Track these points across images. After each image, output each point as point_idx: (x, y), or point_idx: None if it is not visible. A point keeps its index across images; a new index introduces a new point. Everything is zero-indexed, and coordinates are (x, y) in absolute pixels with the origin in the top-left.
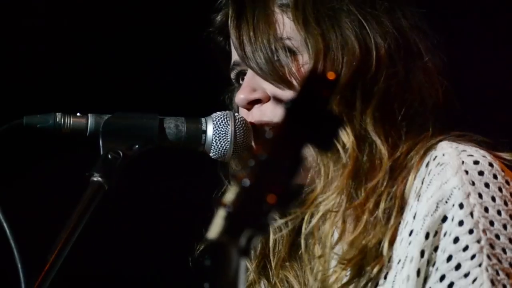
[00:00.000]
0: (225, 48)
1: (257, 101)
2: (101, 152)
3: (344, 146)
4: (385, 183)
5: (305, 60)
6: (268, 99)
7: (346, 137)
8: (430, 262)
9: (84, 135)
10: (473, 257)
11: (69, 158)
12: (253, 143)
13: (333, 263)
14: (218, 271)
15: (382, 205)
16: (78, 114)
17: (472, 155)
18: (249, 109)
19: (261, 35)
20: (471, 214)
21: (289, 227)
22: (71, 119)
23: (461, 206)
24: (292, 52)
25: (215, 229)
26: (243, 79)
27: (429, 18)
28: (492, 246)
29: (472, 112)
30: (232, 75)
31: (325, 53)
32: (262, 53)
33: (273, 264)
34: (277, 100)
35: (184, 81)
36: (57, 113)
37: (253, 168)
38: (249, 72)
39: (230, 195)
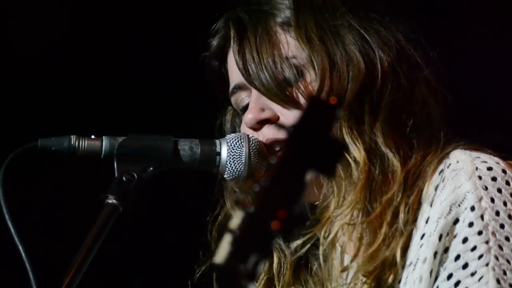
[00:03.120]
0: (220, 72)
1: (266, 121)
2: (116, 174)
3: (355, 160)
4: (400, 195)
5: (312, 78)
6: (276, 118)
7: (357, 151)
8: (441, 263)
9: (98, 158)
10: (480, 257)
11: (83, 180)
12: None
13: (350, 276)
14: None
15: (401, 216)
16: (92, 136)
17: (485, 162)
18: (257, 129)
19: (266, 55)
20: (482, 216)
21: (303, 249)
22: (86, 142)
23: (472, 208)
24: (298, 71)
25: (221, 254)
26: (243, 104)
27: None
28: (500, 248)
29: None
30: (233, 99)
31: (331, 70)
32: (268, 74)
33: (278, 286)
34: (285, 119)
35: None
36: (72, 136)
37: (258, 193)
38: (255, 93)
39: (235, 220)
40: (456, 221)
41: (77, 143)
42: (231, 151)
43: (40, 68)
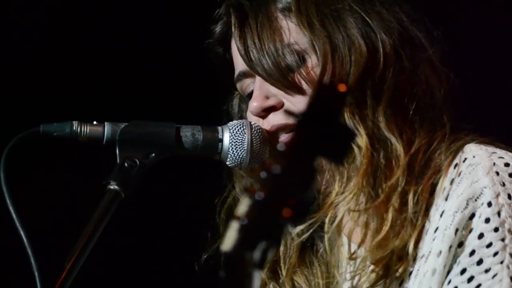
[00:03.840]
0: (225, 59)
1: (271, 108)
2: (118, 160)
3: (358, 145)
4: (405, 180)
5: (314, 63)
6: (281, 105)
7: (360, 136)
8: (454, 257)
9: (100, 144)
10: (495, 254)
11: (85, 166)
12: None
13: (357, 263)
14: (232, 283)
15: (410, 205)
16: (94, 122)
17: (503, 157)
18: (262, 117)
19: (267, 41)
20: (499, 213)
21: (307, 233)
22: (88, 128)
23: (489, 204)
24: (300, 56)
25: (228, 242)
26: (249, 90)
27: (427, 10)
28: None
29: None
30: (238, 86)
31: (333, 54)
32: (270, 59)
33: (283, 271)
34: (290, 105)
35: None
36: (74, 122)
37: (266, 180)
38: (258, 80)
39: (243, 207)
40: (472, 215)
41: (79, 128)
42: (233, 137)
43: (42, 54)
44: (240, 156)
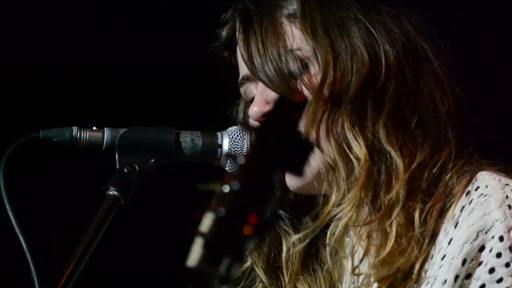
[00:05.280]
0: (231, 62)
1: None
2: (117, 166)
3: (357, 157)
4: (406, 195)
5: (316, 71)
6: None
7: (358, 147)
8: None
9: (100, 149)
10: None
11: (85, 171)
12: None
13: (361, 278)
14: None
15: (417, 223)
16: (94, 128)
17: None
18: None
19: (270, 47)
20: (510, 248)
21: (304, 241)
22: (87, 133)
23: (501, 239)
24: (303, 63)
25: (194, 257)
26: (252, 95)
27: (434, 23)
28: None
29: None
30: (242, 90)
31: (334, 63)
32: (272, 65)
33: (286, 278)
34: None
35: (200, 95)
36: (73, 127)
37: (226, 196)
38: (260, 85)
39: (206, 222)
40: (482, 248)
41: (78, 134)
42: (232, 143)
43: (42, 59)
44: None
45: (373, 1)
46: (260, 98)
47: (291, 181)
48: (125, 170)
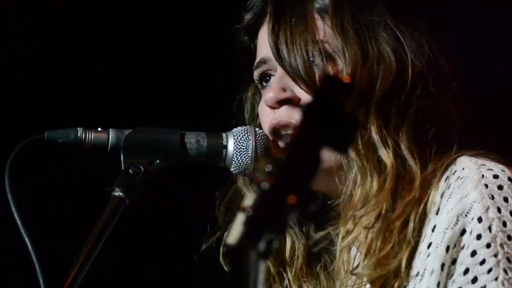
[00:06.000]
0: (249, 48)
1: (286, 101)
2: (122, 167)
3: (383, 161)
4: (412, 203)
5: (341, 68)
6: (297, 101)
7: (385, 152)
8: (449, 275)
9: (105, 150)
10: (489, 270)
11: (90, 172)
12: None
13: (353, 279)
14: (238, 275)
15: (411, 226)
16: (99, 128)
17: (491, 169)
18: (274, 108)
19: (299, 37)
20: (489, 228)
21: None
22: (92, 134)
23: (479, 220)
24: (329, 57)
25: (234, 234)
26: (266, 80)
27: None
28: (509, 260)
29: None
30: (256, 73)
31: (362, 64)
32: (298, 55)
33: (289, 275)
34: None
35: (205, 96)
36: (79, 128)
37: (272, 170)
38: (279, 72)
39: (248, 199)
40: (463, 231)
41: (83, 135)
42: (237, 144)
43: (47, 60)
44: (245, 163)
45: (404, 13)
46: (277, 85)
47: None
48: (130, 171)
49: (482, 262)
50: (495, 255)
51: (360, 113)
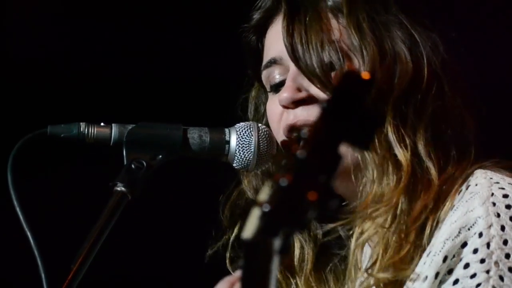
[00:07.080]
0: (256, 47)
1: (302, 102)
2: (125, 162)
3: (398, 160)
4: (430, 207)
5: (358, 67)
6: (313, 100)
7: (401, 153)
8: (441, 283)
9: (108, 145)
10: (478, 285)
11: (92, 167)
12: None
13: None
14: (253, 270)
15: (427, 232)
16: (102, 123)
17: (503, 188)
18: (288, 108)
19: (314, 36)
20: (488, 244)
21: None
22: (95, 129)
23: (480, 235)
24: (345, 56)
25: (250, 228)
26: (275, 80)
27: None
28: (501, 278)
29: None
30: (265, 73)
31: (380, 62)
32: (314, 55)
33: (298, 280)
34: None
35: (208, 92)
36: (81, 123)
37: (291, 167)
38: (293, 72)
39: (264, 194)
40: (464, 244)
41: (86, 130)
42: (240, 139)
43: (50, 54)
44: (247, 159)
45: (418, 13)
46: (291, 85)
47: None
48: (133, 166)
49: (473, 275)
50: (487, 271)
51: (377, 112)
